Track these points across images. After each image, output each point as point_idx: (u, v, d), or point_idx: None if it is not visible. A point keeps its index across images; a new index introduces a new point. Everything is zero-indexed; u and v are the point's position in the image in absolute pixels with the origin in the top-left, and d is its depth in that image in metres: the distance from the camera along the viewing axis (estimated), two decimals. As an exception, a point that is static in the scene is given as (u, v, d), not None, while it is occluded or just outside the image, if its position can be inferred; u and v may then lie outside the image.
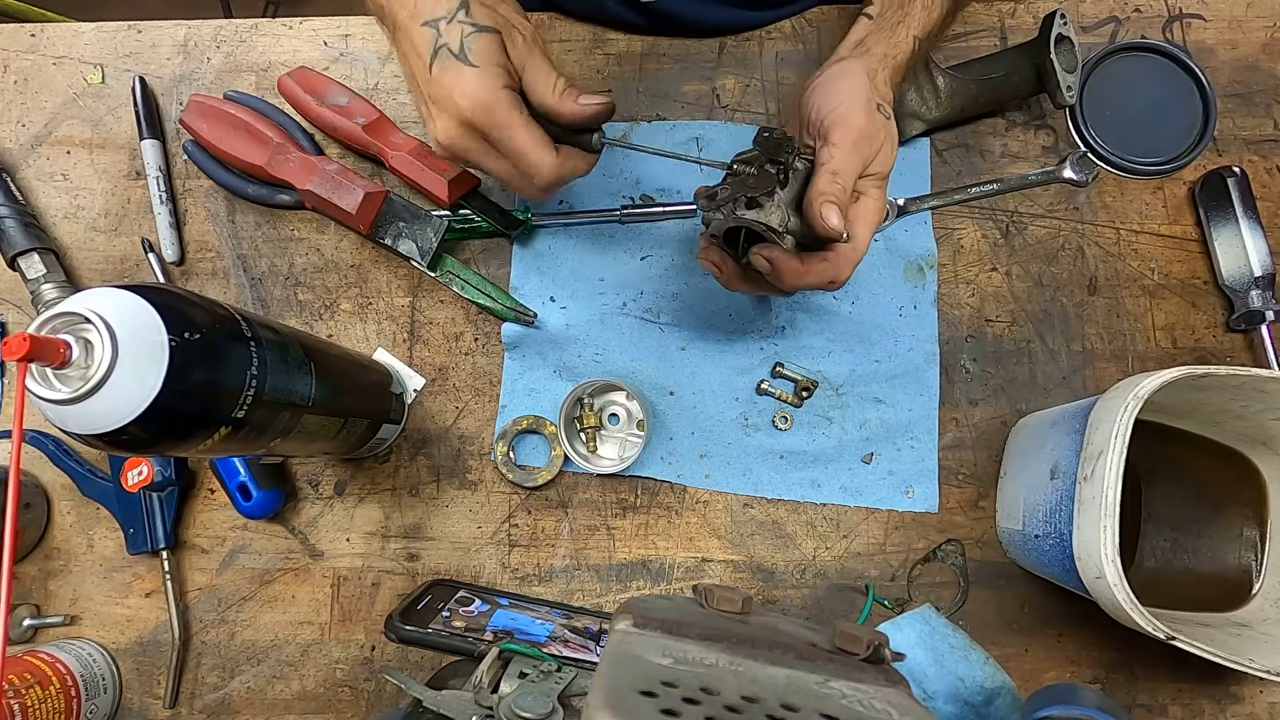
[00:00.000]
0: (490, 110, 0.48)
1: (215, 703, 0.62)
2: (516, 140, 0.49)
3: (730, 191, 0.51)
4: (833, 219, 0.49)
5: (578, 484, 0.64)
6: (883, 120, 0.52)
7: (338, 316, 0.66)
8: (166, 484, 0.61)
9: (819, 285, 0.53)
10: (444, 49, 0.48)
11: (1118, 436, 0.48)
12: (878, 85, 0.53)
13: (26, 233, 0.64)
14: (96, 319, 0.37)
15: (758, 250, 0.52)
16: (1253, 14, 0.69)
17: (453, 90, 0.48)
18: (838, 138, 0.50)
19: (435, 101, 0.49)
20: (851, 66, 0.54)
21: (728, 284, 0.57)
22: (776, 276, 0.52)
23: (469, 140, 0.50)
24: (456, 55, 0.48)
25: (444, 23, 0.48)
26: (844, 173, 0.50)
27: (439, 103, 0.49)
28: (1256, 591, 0.59)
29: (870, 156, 0.51)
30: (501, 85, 0.48)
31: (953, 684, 0.53)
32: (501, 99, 0.48)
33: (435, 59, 0.48)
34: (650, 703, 0.29)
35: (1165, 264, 0.66)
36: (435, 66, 0.48)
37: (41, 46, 0.70)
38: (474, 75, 0.48)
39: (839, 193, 0.49)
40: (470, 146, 0.50)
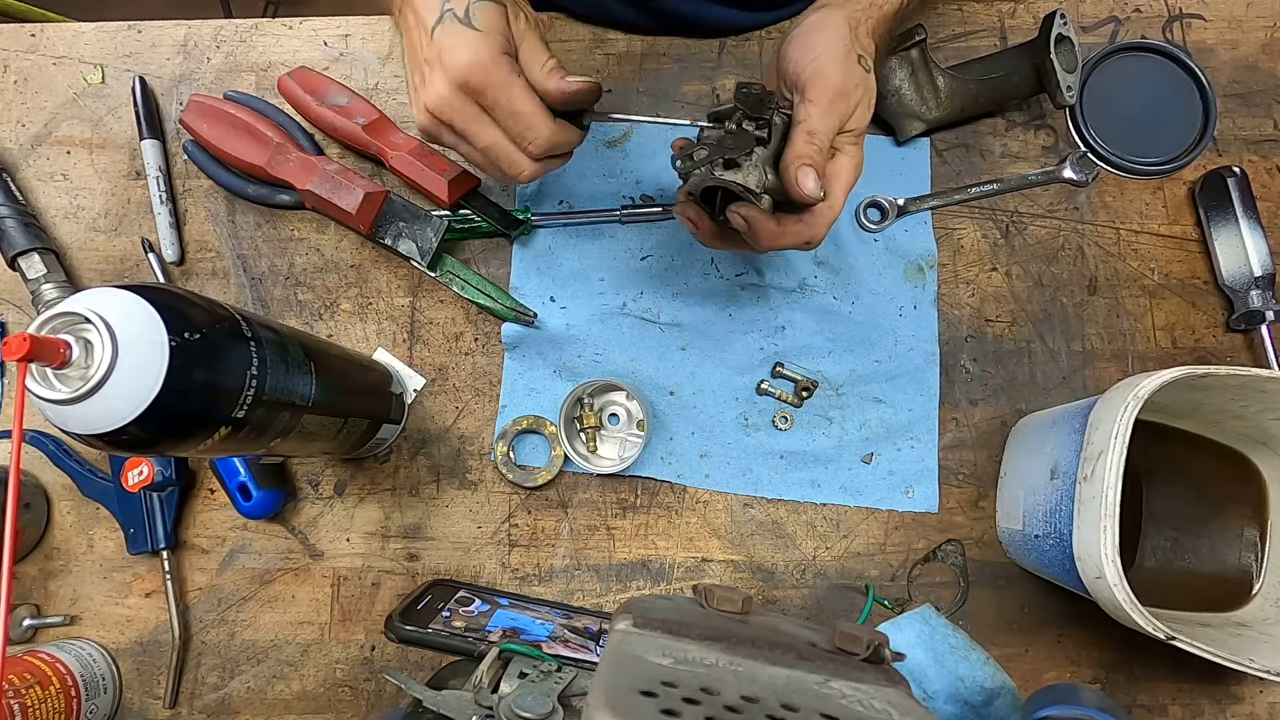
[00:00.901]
0: (491, 69, 0.47)
1: (215, 703, 0.62)
2: (516, 100, 0.48)
3: (708, 152, 0.50)
4: (809, 184, 0.48)
5: (578, 484, 0.64)
6: (861, 74, 0.50)
7: (338, 316, 0.66)
8: (166, 484, 0.61)
9: (795, 245, 0.52)
10: (449, 13, 0.48)
11: (1118, 436, 0.48)
12: (859, 36, 0.51)
13: (26, 233, 0.64)
14: (96, 319, 0.37)
15: (735, 209, 0.51)
16: (1253, 14, 0.69)
17: (453, 49, 0.47)
18: (814, 94, 0.49)
19: (430, 63, 0.48)
20: (832, 16, 0.52)
21: (705, 241, 0.56)
22: (753, 236, 0.51)
23: (460, 103, 0.48)
24: (461, 19, 0.47)
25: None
26: (820, 132, 0.49)
27: (435, 64, 0.48)
28: (1256, 591, 0.59)
29: (847, 113, 0.50)
30: (502, 50, 0.48)
31: (953, 684, 0.53)
32: (502, 60, 0.48)
33: (439, 23, 0.48)
34: (650, 703, 0.29)
35: (1165, 264, 0.66)
36: (437, 30, 0.48)
37: (41, 46, 0.70)
38: (476, 36, 0.47)
39: (815, 154, 0.48)
40: (461, 110, 0.49)
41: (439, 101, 0.48)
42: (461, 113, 0.49)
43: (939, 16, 0.69)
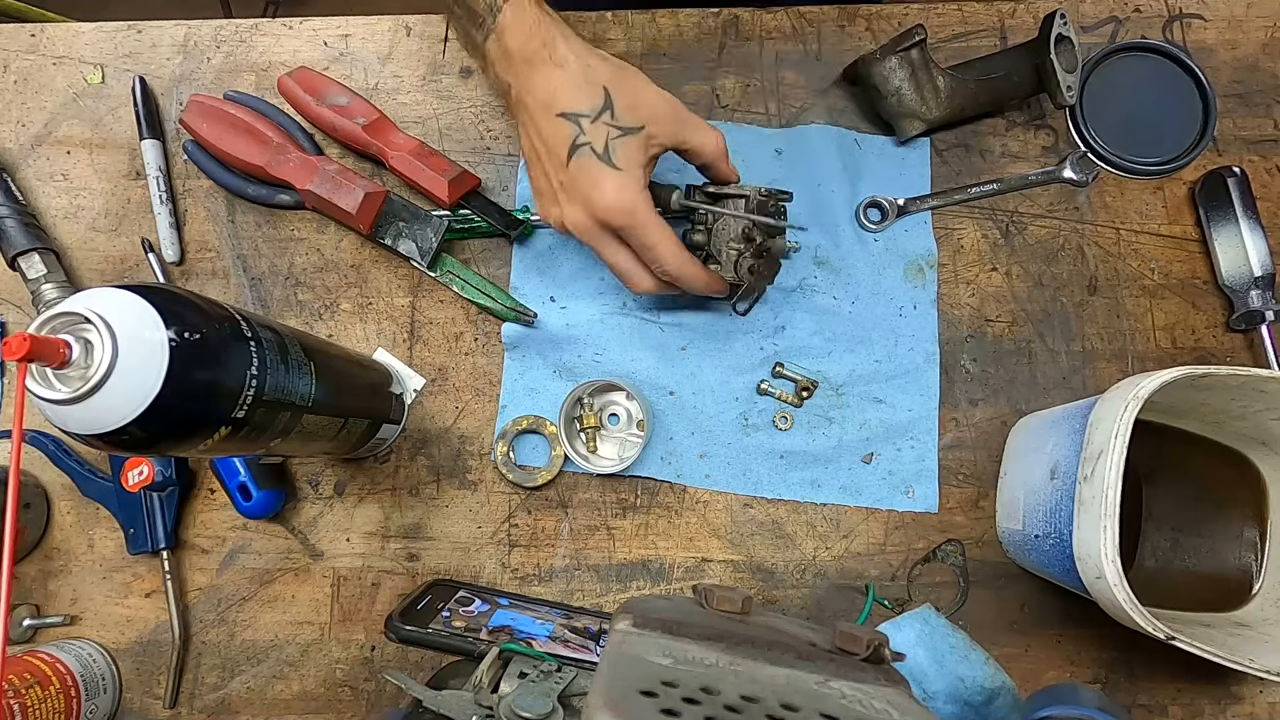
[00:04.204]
0: (632, 213, 0.51)
1: (215, 703, 0.62)
2: (653, 237, 0.52)
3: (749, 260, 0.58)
4: None
5: (578, 484, 0.64)
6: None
7: (338, 316, 0.66)
8: (167, 484, 0.61)
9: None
10: (586, 146, 0.50)
11: (1118, 436, 0.48)
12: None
13: (26, 233, 0.64)
14: (96, 319, 0.37)
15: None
16: (1253, 14, 0.69)
17: (594, 190, 0.50)
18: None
19: (569, 192, 0.51)
20: None
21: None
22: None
23: (599, 233, 0.52)
24: (600, 156, 0.50)
25: (586, 120, 0.50)
26: None
27: (574, 195, 0.51)
28: (1256, 591, 0.59)
29: None
30: (643, 187, 0.51)
31: (953, 684, 0.53)
32: (642, 201, 0.51)
33: (575, 154, 0.50)
34: (650, 703, 0.29)
35: (1165, 264, 0.66)
36: (574, 162, 0.50)
37: (41, 46, 0.70)
38: (619, 179, 0.50)
39: None
40: (598, 237, 0.52)
41: (577, 227, 0.52)
42: (598, 239, 0.53)
43: (939, 16, 0.69)
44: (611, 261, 0.55)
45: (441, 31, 0.69)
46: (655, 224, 0.52)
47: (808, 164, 0.66)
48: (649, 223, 0.51)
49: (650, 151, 0.52)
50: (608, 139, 0.50)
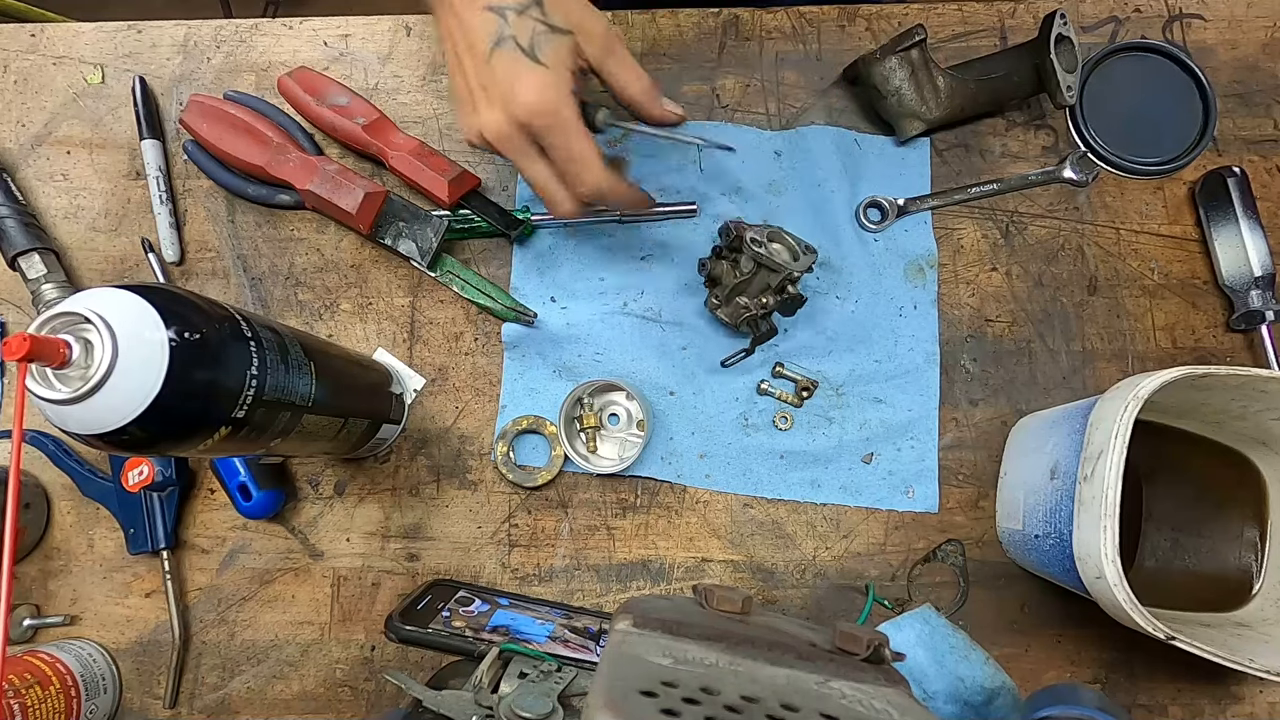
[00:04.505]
0: (556, 113, 0.47)
1: (215, 703, 0.62)
2: (575, 146, 0.48)
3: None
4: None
5: (578, 484, 0.64)
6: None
7: (338, 316, 0.66)
8: (167, 484, 0.61)
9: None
10: (509, 40, 0.46)
11: (1118, 436, 0.48)
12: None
13: (26, 233, 0.64)
14: (96, 319, 0.37)
15: None
16: (1253, 14, 0.69)
17: (516, 86, 0.46)
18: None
19: (488, 92, 0.47)
20: None
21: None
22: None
23: (518, 139, 0.48)
24: (525, 51, 0.46)
25: (512, 13, 0.46)
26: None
27: (493, 95, 0.47)
28: (1256, 591, 0.59)
29: None
30: (569, 90, 0.47)
31: (953, 684, 0.53)
32: (568, 103, 0.47)
33: (497, 48, 0.46)
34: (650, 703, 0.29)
35: (1165, 264, 0.66)
36: (495, 56, 0.46)
37: (41, 46, 0.70)
38: (543, 76, 0.46)
39: None
40: (517, 146, 0.49)
41: (495, 134, 0.48)
42: (516, 147, 0.49)
43: (939, 16, 0.69)
44: (531, 176, 0.51)
45: (441, 31, 0.69)
46: (580, 132, 0.48)
47: (808, 164, 0.66)
48: (573, 128, 0.48)
49: (578, 59, 0.49)
50: (534, 33, 0.46)
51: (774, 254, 0.58)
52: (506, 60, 0.46)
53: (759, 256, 0.57)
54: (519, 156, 0.50)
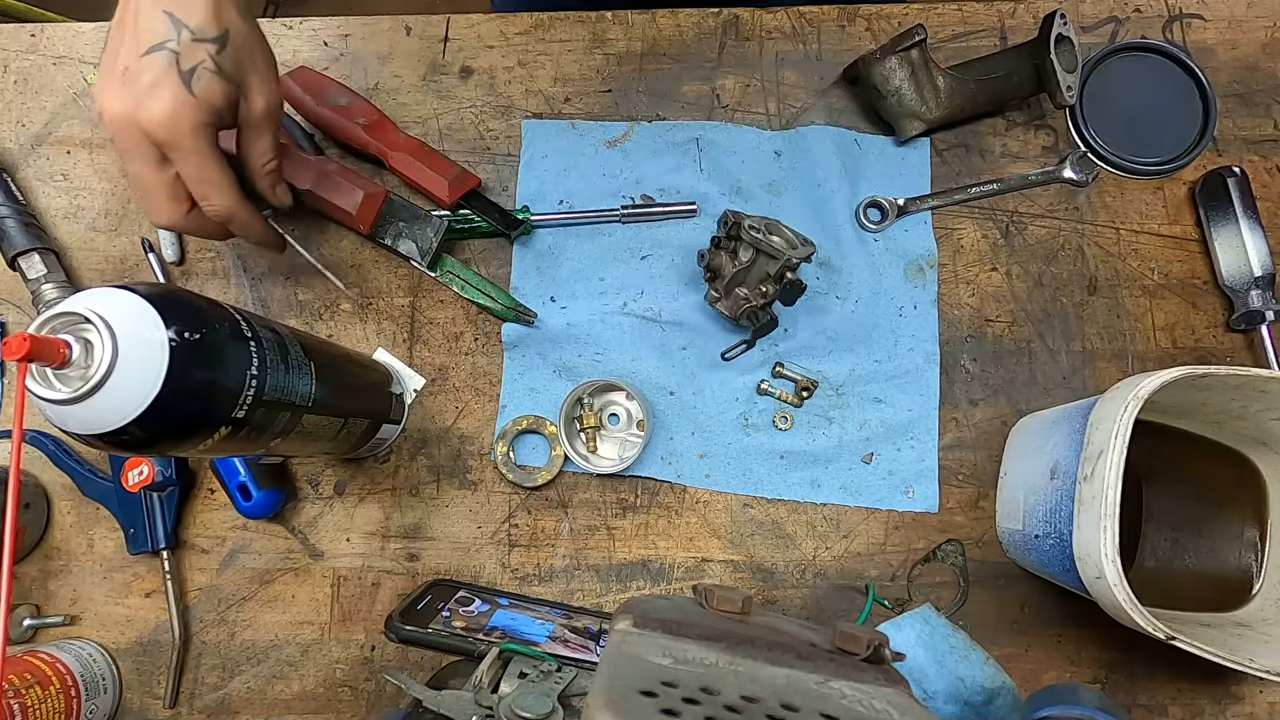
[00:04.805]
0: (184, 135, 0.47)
1: (215, 703, 0.62)
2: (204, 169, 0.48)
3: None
4: None
5: (578, 484, 0.64)
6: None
7: (338, 316, 0.66)
8: (167, 484, 0.61)
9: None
10: (171, 54, 0.46)
11: (1118, 436, 0.48)
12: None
13: (26, 233, 0.64)
14: (96, 319, 0.37)
15: None
16: (1253, 14, 0.69)
17: (154, 96, 0.46)
18: None
19: (128, 81, 0.46)
20: None
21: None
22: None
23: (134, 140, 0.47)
24: (179, 72, 0.46)
25: (189, 34, 0.46)
26: None
27: (130, 87, 0.46)
28: (1256, 591, 0.59)
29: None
30: (205, 123, 0.47)
31: (953, 684, 0.53)
32: (204, 132, 0.47)
33: (156, 50, 0.46)
34: (650, 703, 0.29)
35: (1165, 264, 0.66)
36: (152, 58, 0.46)
37: (41, 46, 0.70)
38: (183, 102, 0.46)
39: None
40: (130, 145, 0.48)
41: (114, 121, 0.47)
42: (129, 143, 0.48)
43: (939, 16, 0.69)
44: (132, 174, 0.49)
45: (442, 31, 0.69)
46: (210, 157, 0.48)
47: (808, 164, 0.66)
48: (201, 153, 0.47)
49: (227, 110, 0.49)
50: (199, 65, 0.46)
51: (772, 241, 0.58)
52: (158, 67, 0.46)
53: (758, 242, 0.57)
54: (130, 152, 0.48)
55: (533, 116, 0.68)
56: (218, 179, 0.49)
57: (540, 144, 0.68)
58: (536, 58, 0.69)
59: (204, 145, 0.48)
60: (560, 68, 0.69)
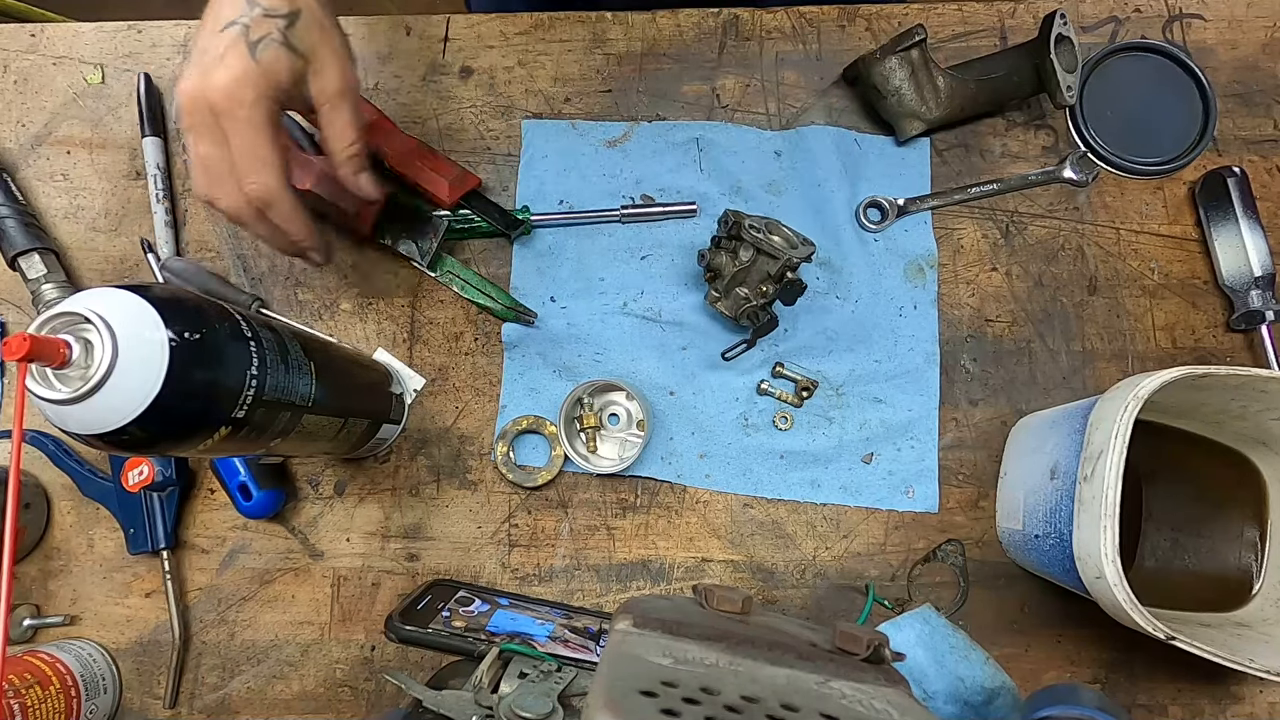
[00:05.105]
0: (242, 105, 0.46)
1: (215, 703, 0.62)
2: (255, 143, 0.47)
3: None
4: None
5: (578, 484, 0.64)
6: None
7: (338, 316, 0.66)
8: (167, 484, 0.61)
9: None
10: (242, 26, 0.47)
11: (1118, 436, 0.48)
12: None
13: (26, 233, 0.64)
14: (96, 319, 0.37)
15: None
16: (1253, 14, 0.69)
17: (219, 65, 0.46)
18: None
19: (200, 59, 0.47)
20: None
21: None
22: None
23: (200, 115, 0.47)
24: (247, 42, 0.46)
25: (260, 9, 0.47)
26: None
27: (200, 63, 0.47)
28: (1256, 591, 0.59)
29: None
30: (269, 96, 0.47)
31: (953, 684, 0.53)
32: (262, 105, 0.47)
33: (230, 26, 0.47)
34: (650, 703, 0.29)
35: (1165, 264, 0.66)
36: (222, 34, 0.47)
37: (41, 46, 0.70)
38: (246, 69, 0.46)
39: None
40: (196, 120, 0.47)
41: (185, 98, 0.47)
42: (196, 120, 0.47)
43: (939, 16, 0.69)
44: (197, 154, 0.48)
45: (441, 31, 0.69)
46: (265, 135, 0.47)
47: (808, 164, 0.66)
48: (256, 126, 0.47)
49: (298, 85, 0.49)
50: (265, 35, 0.46)
51: (773, 241, 0.58)
52: (228, 40, 0.46)
53: (758, 241, 0.57)
54: (197, 129, 0.48)
55: (533, 116, 0.68)
56: (265, 156, 0.47)
57: (540, 144, 0.68)
58: (536, 58, 0.69)
59: (260, 118, 0.47)
60: (560, 68, 0.69)
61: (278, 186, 0.49)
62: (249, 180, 0.48)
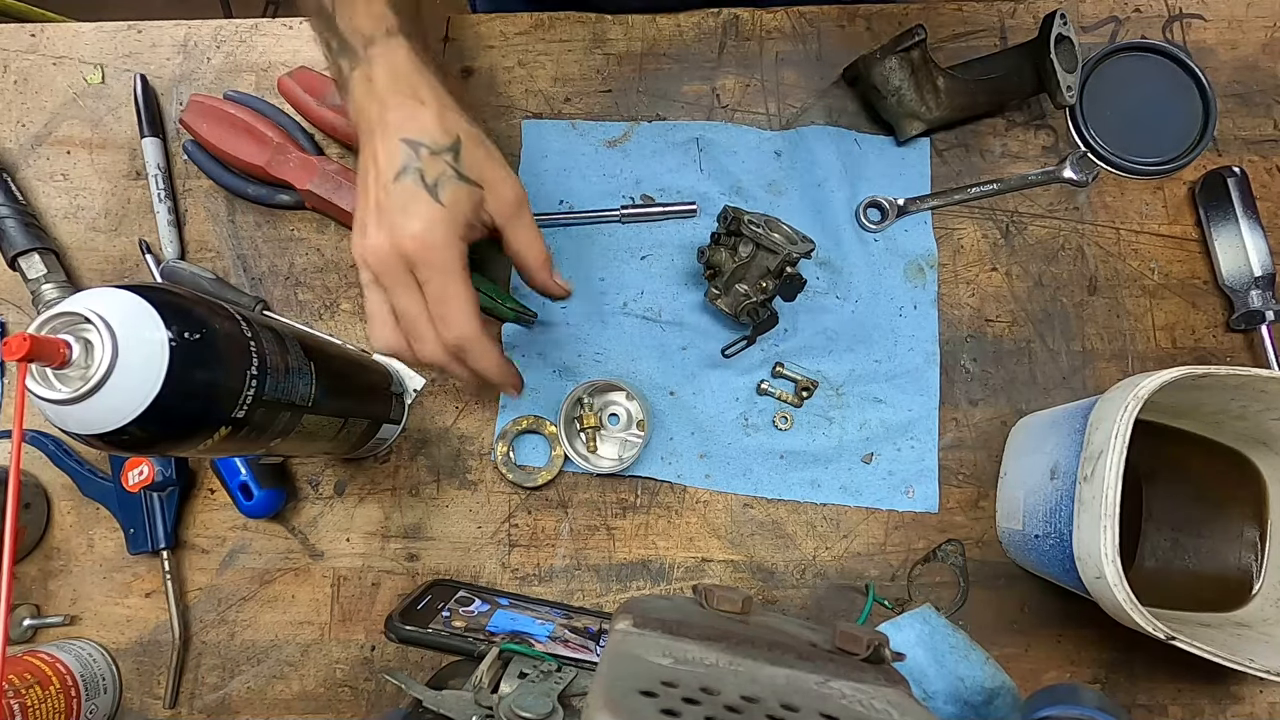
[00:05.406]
0: (438, 250, 0.47)
1: (215, 703, 0.62)
2: (451, 288, 0.47)
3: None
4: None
5: (578, 484, 0.64)
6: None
7: (338, 316, 0.66)
8: (167, 484, 0.61)
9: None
10: (415, 171, 0.47)
11: (1118, 436, 0.48)
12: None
13: (27, 233, 0.64)
14: (96, 319, 0.37)
15: None
16: (1253, 14, 0.69)
17: (405, 215, 0.46)
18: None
19: (381, 214, 0.47)
20: None
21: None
22: None
23: (396, 267, 0.47)
24: (426, 186, 0.47)
25: (426, 150, 0.47)
26: None
27: (384, 219, 0.47)
28: (1256, 591, 0.59)
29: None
30: (458, 235, 0.47)
31: (953, 684, 0.53)
32: (453, 245, 0.47)
33: (401, 176, 0.47)
34: (650, 703, 0.29)
35: (1165, 264, 0.66)
36: (397, 184, 0.47)
37: (41, 46, 0.70)
38: (435, 211, 0.47)
39: None
40: (392, 275, 0.47)
41: (376, 255, 0.47)
42: (392, 274, 0.48)
43: (939, 16, 0.69)
44: (400, 306, 0.48)
45: (441, 31, 0.69)
46: (460, 278, 0.47)
47: (808, 164, 0.66)
48: (453, 271, 0.47)
49: (478, 213, 0.49)
50: (441, 174, 0.47)
51: (772, 236, 0.58)
52: (406, 190, 0.47)
53: (758, 236, 0.57)
54: (393, 283, 0.48)
55: (533, 116, 0.68)
56: (461, 299, 0.48)
57: (540, 144, 0.68)
58: (536, 58, 0.69)
59: (455, 261, 0.47)
60: (560, 68, 0.69)
61: (478, 330, 0.49)
62: (451, 327, 0.48)
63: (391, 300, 0.48)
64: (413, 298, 0.48)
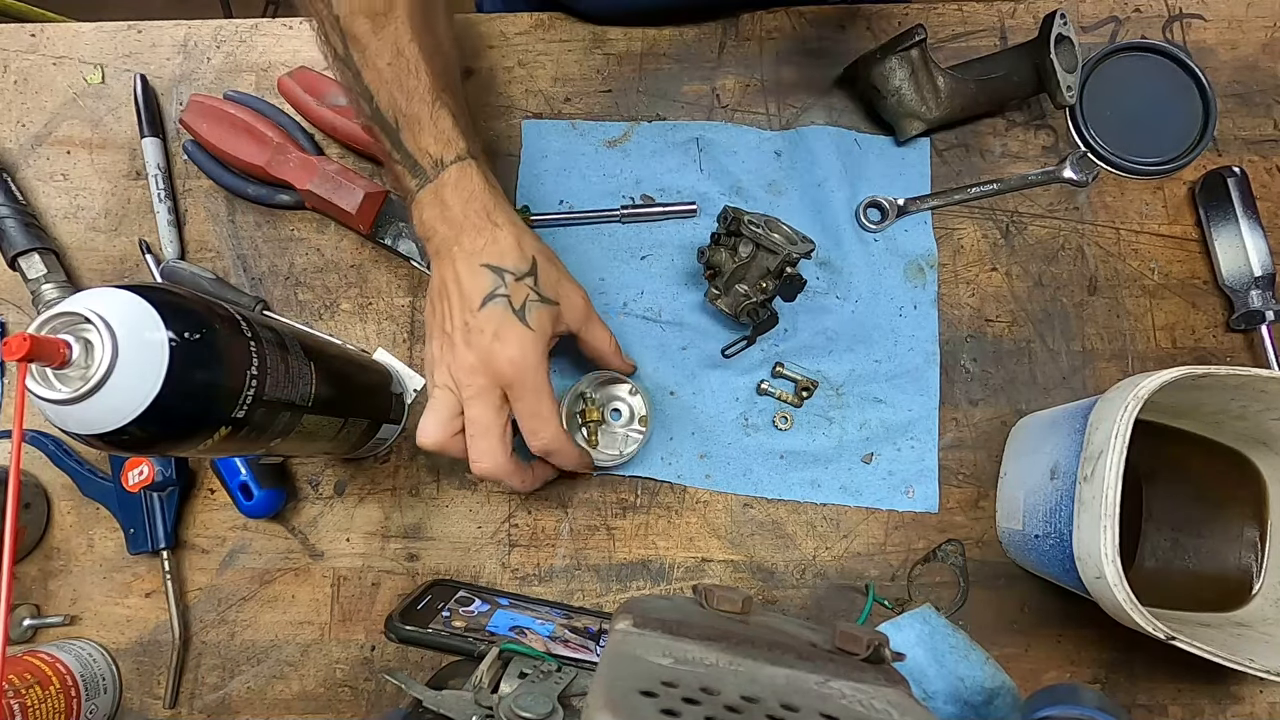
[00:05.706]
0: (532, 371, 0.50)
1: (215, 703, 0.62)
2: (542, 405, 0.52)
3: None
4: None
5: (578, 484, 0.64)
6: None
7: (338, 316, 0.66)
8: (167, 484, 0.61)
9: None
10: (503, 298, 0.50)
11: (1118, 436, 0.48)
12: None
13: (27, 233, 0.64)
14: (96, 319, 0.37)
15: None
16: (1253, 14, 0.69)
17: (501, 339, 0.50)
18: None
19: (470, 336, 0.50)
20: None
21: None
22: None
23: (486, 386, 0.50)
24: (515, 311, 0.50)
25: (510, 277, 0.50)
26: None
27: (474, 341, 0.50)
28: (1257, 591, 0.59)
29: None
30: (545, 353, 0.51)
31: (953, 684, 0.53)
32: (542, 365, 0.51)
33: (490, 302, 0.50)
34: (650, 703, 0.29)
35: (1165, 264, 0.66)
36: (487, 308, 0.50)
37: (41, 46, 0.70)
38: (528, 336, 0.50)
39: None
40: (483, 389, 0.51)
41: (467, 371, 0.50)
42: (482, 390, 0.51)
43: (939, 16, 0.69)
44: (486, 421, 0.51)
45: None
46: (548, 392, 0.52)
47: (808, 164, 0.66)
48: (543, 389, 0.51)
49: (557, 328, 0.53)
50: (526, 300, 0.51)
51: (772, 236, 0.58)
52: (497, 314, 0.50)
53: (758, 236, 0.57)
54: (482, 397, 0.51)
55: (533, 116, 0.68)
56: (549, 411, 0.52)
57: (540, 144, 0.68)
58: (536, 58, 0.69)
59: (543, 378, 0.51)
60: (560, 68, 0.69)
61: (561, 434, 0.53)
62: (537, 437, 0.53)
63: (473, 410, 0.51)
64: (491, 414, 0.51)
